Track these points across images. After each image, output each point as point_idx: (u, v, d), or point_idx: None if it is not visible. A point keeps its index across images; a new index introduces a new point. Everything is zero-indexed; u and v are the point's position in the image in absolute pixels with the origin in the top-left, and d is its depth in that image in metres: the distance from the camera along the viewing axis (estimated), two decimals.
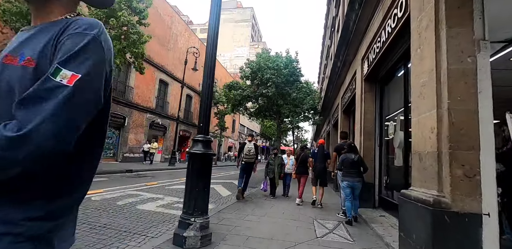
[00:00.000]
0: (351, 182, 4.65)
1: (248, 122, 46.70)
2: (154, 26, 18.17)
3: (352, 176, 4.68)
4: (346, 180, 4.71)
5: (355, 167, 4.72)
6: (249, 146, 6.76)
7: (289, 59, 13.31)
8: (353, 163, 4.72)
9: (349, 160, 4.74)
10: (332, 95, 11.20)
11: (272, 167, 6.86)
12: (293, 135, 28.33)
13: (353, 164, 4.72)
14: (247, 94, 13.08)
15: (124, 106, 15.87)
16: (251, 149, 6.71)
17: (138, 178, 10.02)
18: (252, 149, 6.70)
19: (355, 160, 4.73)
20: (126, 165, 14.16)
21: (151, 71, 18.36)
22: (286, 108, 12.78)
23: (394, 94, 5.39)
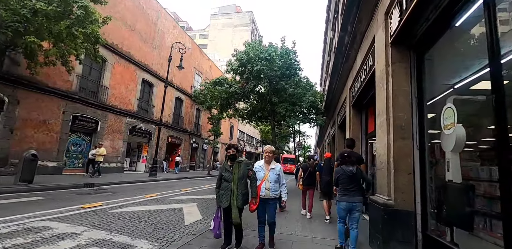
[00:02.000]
0: (350, 203, 3.71)
1: (248, 128, 44.52)
2: (135, 20, 16.36)
3: (350, 194, 3.75)
4: (344, 201, 3.77)
5: (354, 182, 3.79)
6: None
7: (285, 49, 11.19)
8: (351, 177, 3.79)
9: (346, 174, 3.82)
10: (337, 88, 9.00)
11: (228, 184, 3.52)
12: (294, 141, 25.96)
13: (351, 178, 3.79)
14: (235, 91, 10.91)
15: (96, 109, 13.78)
16: None
17: (88, 195, 7.78)
18: None
19: (354, 172, 3.79)
20: (98, 177, 11.94)
21: (131, 70, 16.38)
22: (282, 106, 10.57)
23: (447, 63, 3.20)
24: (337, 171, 4.00)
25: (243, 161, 3.61)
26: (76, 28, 7.21)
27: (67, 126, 12.23)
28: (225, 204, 3.46)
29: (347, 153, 4.10)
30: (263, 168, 3.78)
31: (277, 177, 3.72)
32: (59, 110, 11.81)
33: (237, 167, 3.54)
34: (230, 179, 3.50)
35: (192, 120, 24.94)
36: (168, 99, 20.66)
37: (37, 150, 10.91)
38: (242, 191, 3.50)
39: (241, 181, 3.50)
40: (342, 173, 3.85)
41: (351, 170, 3.80)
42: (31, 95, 10.67)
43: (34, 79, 10.68)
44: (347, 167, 3.85)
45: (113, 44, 14.73)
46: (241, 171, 3.52)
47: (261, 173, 3.71)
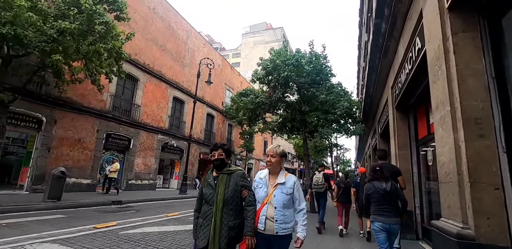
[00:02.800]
0: (386, 224, 3.22)
1: (283, 143, 43.35)
2: (166, 40, 16.99)
3: (386, 214, 3.24)
4: (379, 221, 3.27)
5: (389, 201, 3.29)
6: (317, 176, 7.00)
7: (314, 54, 10.41)
8: (385, 196, 3.28)
9: (379, 191, 3.31)
10: (375, 90, 7.87)
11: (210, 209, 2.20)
12: (331, 155, 24.22)
13: (385, 197, 3.28)
14: (261, 101, 10.25)
15: (129, 126, 14.07)
16: (319, 179, 6.91)
17: (110, 213, 7.43)
18: (320, 179, 6.90)
19: (387, 190, 3.29)
20: (128, 194, 11.85)
21: (162, 88, 16.77)
22: (313, 115, 9.60)
23: None
24: (368, 187, 3.48)
25: (235, 172, 2.29)
26: (99, 45, 7.26)
27: (100, 144, 12.52)
28: (201, 242, 2.14)
29: (378, 167, 3.53)
30: (265, 183, 2.30)
31: (289, 199, 2.19)
32: (93, 129, 12.17)
33: (224, 181, 2.22)
34: (212, 201, 2.18)
35: (224, 136, 24.75)
36: (199, 116, 20.79)
37: (72, 167, 11.22)
38: (231, 221, 2.13)
39: (230, 204, 2.16)
40: (374, 191, 3.36)
41: (384, 187, 3.29)
42: (67, 115, 11.12)
43: (70, 100, 11.20)
44: (379, 183, 3.36)
45: (145, 64, 15.27)
46: (230, 188, 2.19)
47: (261, 192, 2.25)
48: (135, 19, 14.63)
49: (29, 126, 9.98)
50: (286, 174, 2.33)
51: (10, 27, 6.10)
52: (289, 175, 2.34)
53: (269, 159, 2.32)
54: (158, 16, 16.48)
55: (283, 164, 2.36)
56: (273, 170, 2.33)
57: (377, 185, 3.37)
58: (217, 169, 2.32)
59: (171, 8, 17.75)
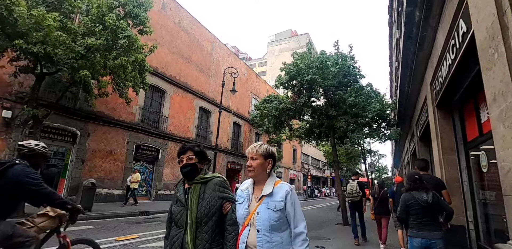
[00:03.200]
0: (426, 240, 2.80)
1: (312, 151, 42.10)
2: (191, 52, 17.40)
3: (426, 228, 2.85)
4: (418, 236, 2.86)
5: (430, 214, 2.88)
6: (352, 184, 6.77)
7: (340, 55, 9.86)
8: (426, 209, 2.87)
9: (419, 203, 2.90)
10: (411, 89, 7.07)
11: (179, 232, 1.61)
12: (364, 162, 22.79)
13: (426, 209, 2.87)
14: (286, 107, 9.83)
15: (157, 137, 14.37)
16: (353, 187, 6.68)
17: (136, 224, 7.37)
18: (354, 187, 6.66)
19: (429, 201, 2.87)
20: (157, 205, 11.93)
21: (188, 98, 17.07)
22: (342, 120, 8.97)
23: None
24: (407, 198, 3.08)
25: (212, 179, 1.71)
26: (123, 58, 7.44)
27: (131, 155, 12.86)
28: None
29: (418, 175, 3.16)
30: (247, 196, 1.62)
31: (279, 218, 1.49)
32: (123, 141, 12.56)
33: (197, 193, 1.64)
34: (182, 221, 1.61)
35: None
36: (226, 125, 20.82)
37: (104, 178, 11.57)
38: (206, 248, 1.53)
39: (205, 225, 1.58)
40: (414, 202, 2.99)
41: (426, 198, 2.93)
42: (99, 128, 11.60)
43: (101, 113, 11.69)
44: (419, 193, 3.00)
45: (171, 76, 15.68)
46: (204, 202, 1.61)
47: (241, 209, 1.58)
48: (161, 34, 15.21)
49: (65, 140, 10.51)
50: (276, 182, 1.60)
51: (40, 46, 6.43)
52: (280, 183, 1.61)
53: (249, 163, 1.61)
54: (183, 29, 17.01)
55: (270, 169, 1.64)
56: (256, 177, 1.63)
57: (417, 196, 2.98)
58: (187, 179, 1.72)
59: (196, 21, 18.27)
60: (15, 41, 6.12)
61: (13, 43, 6.18)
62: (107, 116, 11.90)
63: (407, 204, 3.05)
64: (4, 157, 8.77)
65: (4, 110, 8.79)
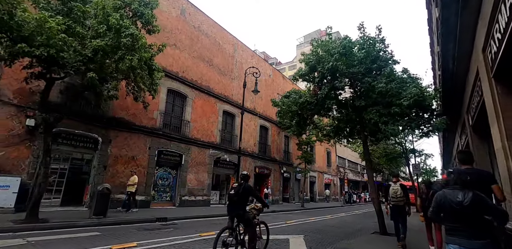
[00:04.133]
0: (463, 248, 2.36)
1: (349, 153, 39.58)
2: (212, 56, 17.20)
3: (462, 235, 2.40)
4: (454, 243, 2.45)
5: (464, 217, 2.39)
6: (394, 188, 6.46)
7: (367, 38, 8.66)
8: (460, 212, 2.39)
9: (451, 205, 2.43)
10: (458, 65, 5.70)
11: None
12: (407, 164, 20.39)
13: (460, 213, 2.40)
14: (306, 100, 8.83)
15: (180, 143, 14.13)
16: (397, 190, 6.36)
17: (147, 231, 6.88)
18: (398, 191, 6.34)
19: (464, 203, 2.36)
20: (179, 211, 11.51)
21: (211, 102, 16.77)
22: (372, 111, 7.73)
23: None
24: (439, 197, 2.62)
25: None
26: (128, 57, 7.15)
27: (153, 161, 12.71)
28: None
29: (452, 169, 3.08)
30: None
31: None
32: (145, 146, 12.47)
33: None
34: None
35: (280, 148, 23.49)
36: (252, 128, 20.17)
37: (126, 184, 11.47)
38: None
39: None
40: (444, 203, 2.52)
41: (460, 200, 2.39)
42: (121, 134, 11.61)
43: (123, 119, 11.72)
44: (454, 193, 2.48)
45: (193, 80, 15.53)
46: None
47: None
48: (181, 39, 15.21)
49: (87, 146, 10.62)
50: None
51: (44, 49, 6.34)
52: None
53: None
54: (203, 33, 16.91)
55: None
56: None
57: (450, 196, 2.50)
58: None
59: (216, 24, 18.13)
60: (18, 44, 6.08)
61: (17, 47, 6.14)
62: (128, 122, 11.91)
63: (439, 204, 2.59)
64: (28, 164, 8.98)
65: (28, 118, 9.04)
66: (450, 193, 2.52)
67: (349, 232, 8.59)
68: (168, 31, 14.37)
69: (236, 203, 4.53)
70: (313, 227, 9.43)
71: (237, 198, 4.49)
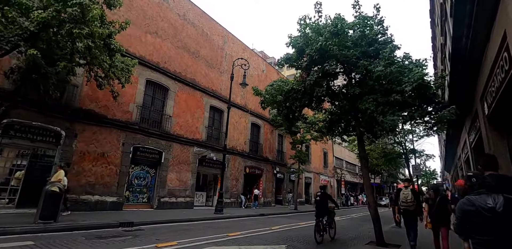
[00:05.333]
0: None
1: (347, 154, 38.42)
2: (199, 47, 16.03)
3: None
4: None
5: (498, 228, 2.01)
6: (405, 192, 6.41)
7: (363, 17, 7.49)
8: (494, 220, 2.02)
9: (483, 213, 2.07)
10: (474, 41, 4.53)
11: None
12: (407, 165, 19.23)
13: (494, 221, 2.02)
14: (292, 88, 7.65)
15: (160, 139, 12.93)
16: (408, 195, 6.29)
17: (97, 240, 5.66)
18: (409, 196, 6.27)
19: (497, 209, 2.03)
20: (154, 214, 10.29)
21: (197, 96, 15.58)
22: (368, 100, 6.56)
23: None
24: (464, 205, 2.18)
25: None
26: (76, 31, 5.96)
27: (127, 158, 11.50)
28: None
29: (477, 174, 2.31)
30: None
31: None
32: (118, 142, 11.26)
33: None
34: None
35: (273, 148, 22.29)
36: (242, 125, 19.00)
37: (95, 184, 10.26)
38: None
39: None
40: (474, 211, 2.08)
41: (491, 205, 2.03)
42: (89, 128, 10.41)
43: (92, 112, 10.53)
44: (483, 199, 2.10)
45: (176, 72, 14.35)
46: None
47: None
48: (163, 27, 14.04)
49: (47, 141, 9.41)
50: None
51: None
52: None
53: None
54: (189, 22, 15.75)
55: None
56: None
57: (479, 202, 2.08)
58: None
59: (204, 13, 16.97)
60: None
61: None
62: (98, 114, 10.70)
63: (464, 214, 2.17)
64: None
65: None
66: (477, 199, 2.13)
67: (341, 241, 7.41)
68: (148, 17, 13.22)
69: (323, 206, 7.22)
70: (300, 234, 8.23)
71: (323, 203, 7.21)
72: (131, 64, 9.45)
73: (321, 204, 7.19)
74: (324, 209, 7.17)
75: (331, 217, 7.51)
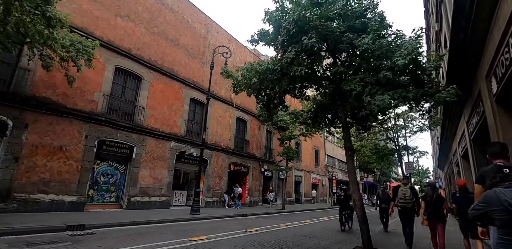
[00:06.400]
0: None
1: (339, 152, 37.59)
2: (179, 35, 14.86)
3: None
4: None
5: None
6: (404, 189, 6.41)
7: None
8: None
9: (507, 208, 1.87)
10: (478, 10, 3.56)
11: None
12: (400, 162, 18.36)
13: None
14: (268, 67, 6.58)
15: (131, 132, 11.75)
16: (406, 192, 6.32)
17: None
18: (408, 193, 6.31)
19: None
20: (123, 214, 9.13)
21: (175, 87, 14.42)
22: (354, 80, 5.54)
23: None
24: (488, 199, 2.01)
25: None
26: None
27: (91, 153, 10.30)
28: None
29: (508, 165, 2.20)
30: None
31: None
32: (80, 135, 10.06)
33: None
34: None
35: (261, 144, 21.24)
36: (227, 120, 17.90)
37: (50, 181, 9.05)
38: None
39: None
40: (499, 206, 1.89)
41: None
42: (43, 118, 9.19)
43: (47, 100, 9.32)
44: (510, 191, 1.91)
45: (151, 60, 13.17)
46: None
47: None
48: (136, 10, 12.85)
49: None
50: None
51: None
52: None
53: None
54: (167, 7, 14.57)
55: None
56: None
57: (507, 197, 1.88)
58: None
59: None
60: None
61: None
62: (55, 103, 9.49)
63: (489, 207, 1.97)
64: None
65: None
66: (508, 193, 1.90)
67: (324, 245, 6.39)
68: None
69: (345, 202, 9.29)
70: (278, 238, 7.20)
71: (345, 199, 9.28)
72: (91, 46, 8.32)
73: (345, 202, 9.29)
74: (346, 206, 9.21)
75: (351, 211, 9.30)
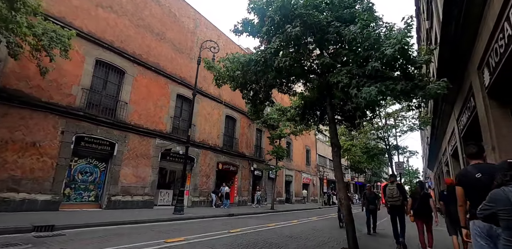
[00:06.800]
0: None
1: (330, 152, 37.56)
2: (165, 29, 14.36)
3: None
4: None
5: None
6: (391, 188, 6.47)
7: None
8: None
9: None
10: None
11: None
12: (390, 162, 18.25)
13: None
14: (251, 58, 6.20)
15: (112, 128, 11.23)
16: (393, 190, 6.37)
17: None
18: (395, 191, 6.35)
19: None
20: (101, 214, 8.63)
21: (161, 83, 13.94)
22: (341, 72, 5.22)
23: None
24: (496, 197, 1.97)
25: None
26: None
27: (68, 150, 9.76)
28: None
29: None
30: None
31: None
32: (55, 130, 9.51)
33: None
34: None
35: (251, 143, 20.88)
36: (215, 118, 17.47)
37: (21, 179, 8.49)
38: None
39: None
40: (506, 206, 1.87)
41: None
42: (14, 111, 8.63)
43: (18, 93, 8.75)
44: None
45: (135, 53, 12.66)
46: None
47: None
48: (120, 2, 12.32)
49: None
50: None
51: None
52: None
53: None
54: (154, 0, 14.06)
55: None
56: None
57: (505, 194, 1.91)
58: None
59: None
60: None
61: None
62: (28, 95, 8.93)
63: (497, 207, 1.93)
64: None
65: None
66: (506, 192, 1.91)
67: (308, 248, 6.06)
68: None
69: None
70: (262, 238, 6.84)
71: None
72: (66, 35, 7.83)
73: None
74: None
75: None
